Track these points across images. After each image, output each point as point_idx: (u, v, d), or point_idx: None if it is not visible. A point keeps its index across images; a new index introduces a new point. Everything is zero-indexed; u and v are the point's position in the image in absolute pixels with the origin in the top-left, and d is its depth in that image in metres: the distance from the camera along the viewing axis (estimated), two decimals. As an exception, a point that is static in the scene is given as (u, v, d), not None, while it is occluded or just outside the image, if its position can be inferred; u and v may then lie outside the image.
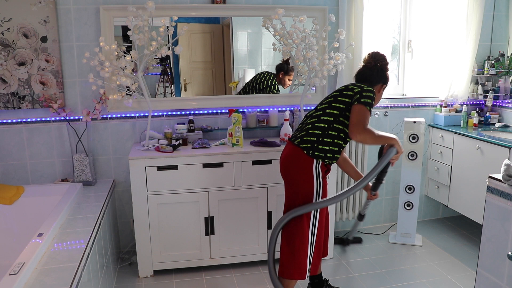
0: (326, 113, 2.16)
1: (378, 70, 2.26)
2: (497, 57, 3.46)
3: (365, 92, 2.10)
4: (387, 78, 2.31)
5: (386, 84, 2.32)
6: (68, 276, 1.72)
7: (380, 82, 2.28)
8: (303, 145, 2.14)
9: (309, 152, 2.12)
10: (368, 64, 2.29)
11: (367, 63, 2.29)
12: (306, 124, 2.20)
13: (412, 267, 2.97)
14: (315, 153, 2.12)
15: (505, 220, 1.82)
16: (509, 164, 1.81)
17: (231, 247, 2.90)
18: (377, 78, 2.26)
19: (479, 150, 3.03)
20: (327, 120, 2.14)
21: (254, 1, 3.06)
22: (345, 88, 2.18)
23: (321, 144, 2.12)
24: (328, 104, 2.17)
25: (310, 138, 2.14)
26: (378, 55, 2.29)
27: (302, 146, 2.14)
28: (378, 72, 2.26)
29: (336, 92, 2.21)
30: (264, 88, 3.23)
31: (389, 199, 3.67)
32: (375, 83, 2.26)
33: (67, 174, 3.03)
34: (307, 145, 2.13)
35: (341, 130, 2.14)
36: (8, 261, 2.37)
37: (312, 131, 2.15)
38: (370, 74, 2.26)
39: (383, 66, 2.28)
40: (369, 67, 2.28)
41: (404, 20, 3.52)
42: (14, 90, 2.83)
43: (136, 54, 2.73)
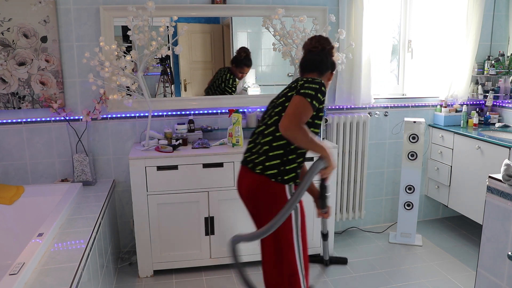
0: (278, 123, 1.79)
1: (327, 55, 1.96)
2: (497, 57, 3.46)
3: (308, 83, 1.80)
4: (335, 64, 2.01)
5: (333, 71, 2.02)
6: (68, 276, 1.72)
7: (329, 69, 1.97)
8: (268, 172, 1.81)
9: (277, 178, 1.81)
10: (315, 49, 1.97)
11: (313, 48, 1.97)
12: (261, 144, 1.85)
13: (412, 267, 2.97)
14: (284, 178, 1.83)
15: (505, 220, 1.82)
16: (509, 164, 1.81)
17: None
18: (327, 65, 1.95)
19: (479, 150, 3.03)
20: None
21: (254, 1, 3.06)
22: (296, 83, 1.88)
23: (288, 164, 1.83)
24: (282, 107, 1.84)
25: (274, 162, 1.81)
26: (322, 38, 2.00)
27: (267, 173, 1.81)
28: (327, 57, 1.96)
29: (287, 89, 1.89)
30: (220, 84, 3.17)
31: (389, 199, 3.67)
32: (325, 71, 1.96)
33: (67, 174, 3.03)
34: (272, 172, 1.81)
35: None
36: (8, 261, 2.37)
37: (273, 153, 1.82)
38: (319, 61, 1.94)
39: (330, 50, 1.99)
40: (316, 52, 1.96)
41: (404, 20, 3.52)
42: (14, 90, 2.83)
43: (136, 54, 2.73)
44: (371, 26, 3.18)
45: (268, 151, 1.82)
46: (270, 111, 1.91)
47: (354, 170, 3.37)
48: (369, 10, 3.14)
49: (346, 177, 3.38)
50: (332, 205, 3.00)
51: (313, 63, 1.95)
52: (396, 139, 3.55)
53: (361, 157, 3.36)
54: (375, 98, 3.39)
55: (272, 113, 1.87)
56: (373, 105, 3.41)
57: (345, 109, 3.41)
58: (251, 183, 1.87)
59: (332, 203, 2.99)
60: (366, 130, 3.32)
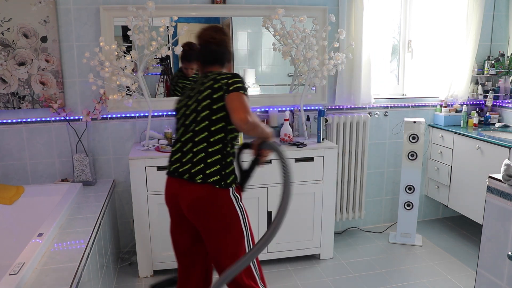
0: (211, 129, 1.75)
1: (227, 46, 1.89)
2: (497, 57, 3.46)
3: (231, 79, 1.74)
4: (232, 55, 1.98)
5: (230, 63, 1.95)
6: (68, 276, 1.72)
7: (230, 61, 1.92)
8: (210, 180, 1.74)
9: (221, 184, 1.75)
10: (213, 39, 1.85)
11: (211, 39, 1.85)
12: (193, 153, 1.76)
13: (412, 267, 2.97)
14: (227, 182, 1.76)
15: (505, 220, 1.82)
16: (509, 164, 1.81)
17: (231, 247, 2.90)
18: (228, 56, 1.89)
19: (479, 150, 3.03)
20: (218, 136, 1.76)
21: (254, 1, 3.06)
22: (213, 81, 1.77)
23: (227, 167, 1.78)
24: (210, 111, 1.75)
25: (214, 168, 1.75)
26: (219, 28, 1.91)
27: (210, 181, 1.74)
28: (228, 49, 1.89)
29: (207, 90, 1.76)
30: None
31: (389, 199, 3.67)
32: (227, 63, 1.90)
33: (67, 174, 3.03)
34: (215, 178, 1.74)
35: (229, 138, 1.80)
36: (8, 261, 2.37)
37: (211, 160, 1.75)
38: (222, 53, 1.86)
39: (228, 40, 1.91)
40: (216, 43, 1.85)
41: (404, 20, 3.52)
42: (14, 90, 2.83)
43: (136, 54, 2.73)
44: (371, 26, 3.18)
45: (206, 158, 1.75)
46: (192, 116, 1.79)
47: (354, 170, 3.37)
48: (369, 10, 3.14)
49: (346, 177, 3.38)
50: (332, 205, 3.00)
51: (216, 55, 1.87)
52: (396, 139, 3.55)
53: (361, 157, 3.36)
54: (375, 98, 3.39)
55: (198, 118, 1.76)
56: (373, 105, 3.41)
57: (345, 109, 3.41)
58: (195, 195, 1.76)
59: (332, 203, 2.99)
60: (366, 130, 3.32)
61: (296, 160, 2.85)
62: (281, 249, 2.97)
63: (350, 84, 3.28)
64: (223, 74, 1.80)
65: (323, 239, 3.02)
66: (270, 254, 2.95)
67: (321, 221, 2.99)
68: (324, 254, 3.07)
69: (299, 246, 3.00)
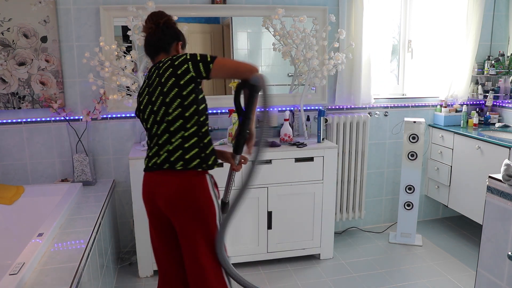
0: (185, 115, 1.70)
1: (164, 30, 1.82)
2: (497, 57, 3.46)
3: (188, 56, 1.68)
4: (179, 33, 1.86)
5: (181, 41, 1.86)
6: (68, 276, 1.72)
7: (174, 41, 1.84)
8: (191, 165, 1.69)
9: (202, 166, 1.71)
10: (150, 29, 1.83)
11: (149, 29, 1.83)
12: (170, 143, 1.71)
13: (412, 267, 2.97)
14: (208, 164, 1.73)
15: (505, 220, 1.82)
16: (509, 164, 1.81)
17: (232, 247, 2.90)
18: (169, 39, 1.82)
19: (479, 150, 3.03)
20: (193, 121, 1.71)
21: (254, 1, 3.06)
22: (172, 68, 1.68)
23: (206, 148, 1.74)
24: (181, 98, 1.68)
25: (193, 152, 1.71)
26: (154, 14, 1.86)
27: (190, 167, 1.69)
28: (165, 32, 1.82)
29: (170, 79, 1.68)
30: None
31: (389, 199, 3.67)
32: (169, 46, 1.82)
33: (67, 174, 3.03)
34: (195, 162, 1.70)
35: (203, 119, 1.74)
36: (8, 261, 2.37)
37: (188, 144, 1.70)
38: (158, 40, 1.81)
39: (167, 22, 1.84)
40: (152, 33, 1.82)
41: (404, 20, 3.52)
42: (14, 90, 2.83)
43: (136, 54, 2.73)
44: (371, 26, 3.18)
45: (183, 143, 1.70)
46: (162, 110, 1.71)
47: (354, 170, 3.37)
48: (369, 10, 3.14)
49: (346, 177, 3.38)
50: (332, 205, 3.00)
51: (155, 47, 1.82)
52: (396, 139, 3.55)
53: (361, 157, 3.36)
54: (375, 98, 3.39)
55: (170, 109, 1.69)
56: (373, 105, 3.41)
57: (345, 109, 3.41)
58: (178, 184, 1.71)
59: (332, 203, 2.99)
60: (366, 130, 3.32)
61: (296, 160, 2.85)
62: (281, 249, 2.97)
63: (350, 84, 3.28)
64: (175, 58, 1.71)
65: (323, 239, 3.02)
66: (270, 254, 2.95)
67: (321, 221, 2.99)
68: (324, 254, 3.07)
69: (299, 246, 3.00)
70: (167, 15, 1.86)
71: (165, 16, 1.85)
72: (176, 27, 1.87)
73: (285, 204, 2.90)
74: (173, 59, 1.71)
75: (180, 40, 1.86)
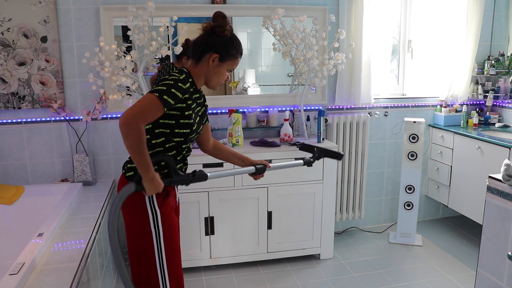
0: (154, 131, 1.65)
1: (209, 34, 1.63)
2: (497, 57, 3.46)
3: (165, 79, 1.56)
4: (220, 44, 1.62)
5: (219, 53, 1.63)
6: (68, 276, 1.72)
7: (207, 52, 1.63)
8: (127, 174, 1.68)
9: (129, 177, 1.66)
10: (205, 29, 1.64)
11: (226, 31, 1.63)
12: None
13: (412, 267, 2.97)
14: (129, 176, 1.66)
15: (505, 220, 1.82)
16: (509, 164, 1.81)
17: (231, 247, 2.90)
18: (202, 47, 1.64)
19: (479, 150, 3.03)
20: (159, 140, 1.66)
21: (254, 1, 3.06)
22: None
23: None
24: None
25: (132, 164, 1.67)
26: (219, 15, 1.63)
27: (127, 175, 1.68)
28: (208, 37, 1.63)
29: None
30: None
31: (389, 199, 3.67)
32: (199, 56, 1.65)
33: (67, 174, 3.03)
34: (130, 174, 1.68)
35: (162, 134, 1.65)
36: (8, 261, 2.37)
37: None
38: (194, 42, 1.66)
39: (215, 28, 1.62)
40: (202, 35, 1.65)
41: (404, 20, 3.52)
42: (14, 90, 2.83)
43: (136, 54, 2.73)
44: (371, 26, 3.18)
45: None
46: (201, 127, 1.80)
47: (354, 170, 3.37)
48: (369, 10, 3.14)
49: (346, 177, 3.38)
50: (332, 205, 3.00)
51: (196, 47, 1.65)
52: (396, 139, 3.55)
53: (361, 157, 3.36)
54: (375, 98, 3.39)
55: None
56: (373, 105, 3.41)
57: (345, 109, 3.41)
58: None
59: (332, 203, 2.99)
60: (366, 130, 3.32)
61: (296, 160, 2.85)
62: (281, 249, 2.97)
63: (350, 84, 3.28)
64: (172, 71, 1.64)
65: (323, 239, 3.02)
66: (270, 254, 2.95)
67: (321, 221, 2.99)
68: (324, 254, 3.07)
69: (299, 246, 3.00)
70: (219, 22, 1.64)
71: (219, 18, 1.64)
72: (221, 38, 1.65)
73: (285, 204, 2.90)
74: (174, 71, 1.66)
75: (217, 53, 1.65)
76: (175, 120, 1.62)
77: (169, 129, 1.64)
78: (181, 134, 1.66)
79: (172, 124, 1.63)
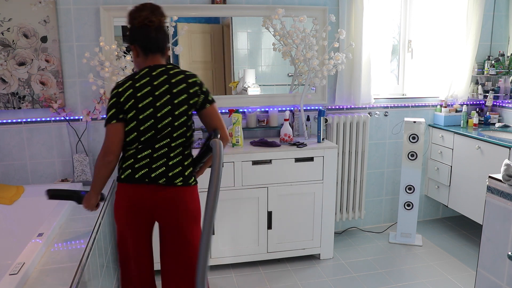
0: (187, 135, 1.82)
1: (165, 29, 1.78)
2: (497, 57, 3.46)
3: (203, 85, 1.79)
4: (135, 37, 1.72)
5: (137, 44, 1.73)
6: (68, 276, 1.72)
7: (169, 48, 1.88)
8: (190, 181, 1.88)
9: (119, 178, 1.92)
10: (152, 24, 1.71)
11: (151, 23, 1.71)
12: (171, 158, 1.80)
13: (412, 267, 2.97)
14: (121, 177, 1.97)
15: (505, 220, 1.82)
16: (509, 164, 1.81)
17: (232, 247, 2.90)
18: (168, 41, 1.82)
19: (479, 150, 3.03)
20: (192, 140, 1.88)
21: (254, 1, 3.06)
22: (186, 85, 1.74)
23: (124, 161, 1.91)
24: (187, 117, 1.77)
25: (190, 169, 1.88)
26: (155, 7, 1.72)
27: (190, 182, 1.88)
28: (166, 32, 1.79)
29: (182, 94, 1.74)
30: None
31: (389, 199, 3.67)
32: (167, 50, 1.82)
33: (67, 174, 3.03)
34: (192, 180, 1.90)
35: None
36: (8, 261, 2.36)
37: (187, 162, 1.86)
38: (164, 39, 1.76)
39: (165, 22, 1.76)
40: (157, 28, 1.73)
41: (404, 20, 3.52)
42: (14, 90, 2.83)
43: (136, 54, 2.73)
44: (371, 26, 3.18)
45: (183, 161, 1.88)
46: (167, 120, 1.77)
47: (354, 170, 3.37)
48: (369, 10, 3.14)
49: (346, 177, 3.38)
50: (332, 205, 3.00)
51: (158, 42, 1.73)
52: (396, 139, 3.55)
53: (361, 157, 3.36)
54: (375, 98, 3.39)
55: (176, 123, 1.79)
56: (373, 105, 3.41)
57: (345, 109, 3.41)
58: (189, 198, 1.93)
59: (332, 203, 2.99)
60: (366, 130, 3.32)
61: (296, 160, 2.85)
62: (281, 249, 2.97)
63: (350, 84, 3.28)
64: (190, 75, 1.76)
65: (323, 239, 3.02)
66: (270, 254, 2.95)
67: (321, 221, 2.99)
68: (324, 254, 3.07)
69: (299, 246, 3.00)
70: (165, 15, 1.76)
71: (164, 15, 1.76)
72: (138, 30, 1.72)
73: (285, 204, 2.90)
74: (186, 75, 1.75)
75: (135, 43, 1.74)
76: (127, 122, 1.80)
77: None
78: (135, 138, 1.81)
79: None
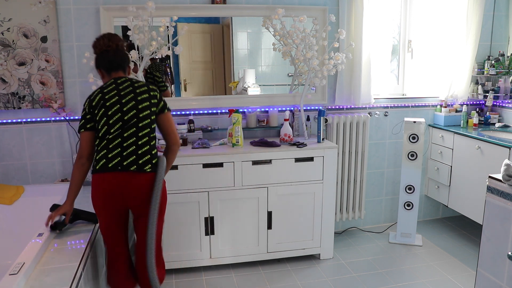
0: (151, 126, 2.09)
1: (123, 52, 2.10)
2: (497, 57, 3.46)
3: (160, 96, 2.11)
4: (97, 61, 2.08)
5: (101, 67, 2.08)
6: (68, 276, 1.72)
7: (128, 64, 2.14)
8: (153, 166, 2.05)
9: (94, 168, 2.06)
10: (110, 48, 2.04)
11: (108, 47, 2.03)
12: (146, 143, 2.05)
13: (412, 267, 2.97)
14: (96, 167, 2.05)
15: (505, 220, 1.82)
16: (509, 164, 1.81)
17: (231, 247, 2.90)
18: (128, 61, 2.12)
19: (479, 150, 3.03)
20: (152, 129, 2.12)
21: (254, 1, 3.06)
22: (147, 94, 2.05)
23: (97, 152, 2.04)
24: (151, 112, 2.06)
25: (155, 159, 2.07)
26: (112, 35, 2.08)
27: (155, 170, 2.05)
28: (125, 54, 2.10)
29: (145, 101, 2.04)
30: None
31: (389, 199, 3.67)
32: (127, 67, 2.14)
33: (67, 174, 3.03)
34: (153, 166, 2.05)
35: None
36: (8, 261, 2.36)
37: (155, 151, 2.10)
38: (122, 60, 2.08)
39: (123, 46, 2.11)
40: (114, 52, 2.05)
41: (404, 20, 3.52)
42: (14, 90, 2.83)
43: (136, 54, 2.73)
44: (371, 26, 3.18)
45: (151, 150, 2.10)
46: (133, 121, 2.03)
47: (354, 170, 3.37)
48: (369, 10, 3.14)
49: (346, 177, 3.38)
50: (332, 205, 3.00)
51: (118, 62, 2.07)
52: (396, 139, 3.55)
53: (361, 157, 3.36)
54: (375, 98, 3.39)
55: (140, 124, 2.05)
56: (373, 105, 3.41)
57: (345, 109, 3.41)
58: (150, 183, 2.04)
59: (332, 203, 2.99)
60: (366, 130, 3.32)
61: (296, 160, 2.85)
62: (281, 249, 2.97)
63: (350, 84, 3.28)
64: (152, 88, 2.08)
65: (323, 239, 3.02)
66: (270, 254, 2.95)
67: (321, 221, 2.99)
68: (324, 254, 3.07)
69: (299, 246, 3.00)
70: (122, 40, 2.10)
71: (122, 40, 2.09)
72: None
73: (285, 204, 2.90)
74: (149, 87, 2.08)
75: (99, 67, 2.09)
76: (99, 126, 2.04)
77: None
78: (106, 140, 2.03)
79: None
